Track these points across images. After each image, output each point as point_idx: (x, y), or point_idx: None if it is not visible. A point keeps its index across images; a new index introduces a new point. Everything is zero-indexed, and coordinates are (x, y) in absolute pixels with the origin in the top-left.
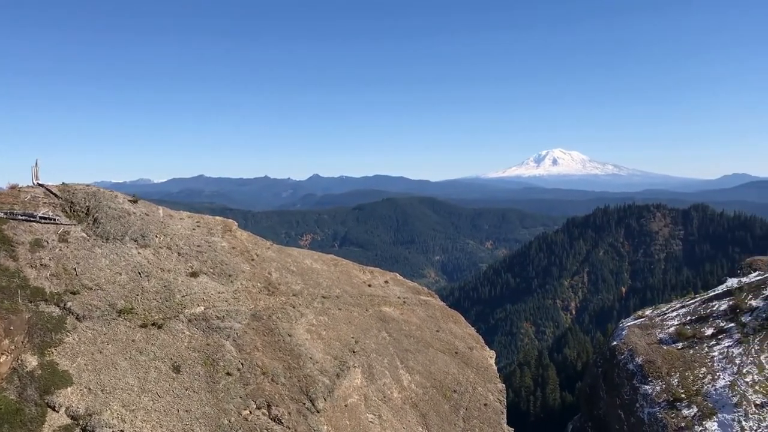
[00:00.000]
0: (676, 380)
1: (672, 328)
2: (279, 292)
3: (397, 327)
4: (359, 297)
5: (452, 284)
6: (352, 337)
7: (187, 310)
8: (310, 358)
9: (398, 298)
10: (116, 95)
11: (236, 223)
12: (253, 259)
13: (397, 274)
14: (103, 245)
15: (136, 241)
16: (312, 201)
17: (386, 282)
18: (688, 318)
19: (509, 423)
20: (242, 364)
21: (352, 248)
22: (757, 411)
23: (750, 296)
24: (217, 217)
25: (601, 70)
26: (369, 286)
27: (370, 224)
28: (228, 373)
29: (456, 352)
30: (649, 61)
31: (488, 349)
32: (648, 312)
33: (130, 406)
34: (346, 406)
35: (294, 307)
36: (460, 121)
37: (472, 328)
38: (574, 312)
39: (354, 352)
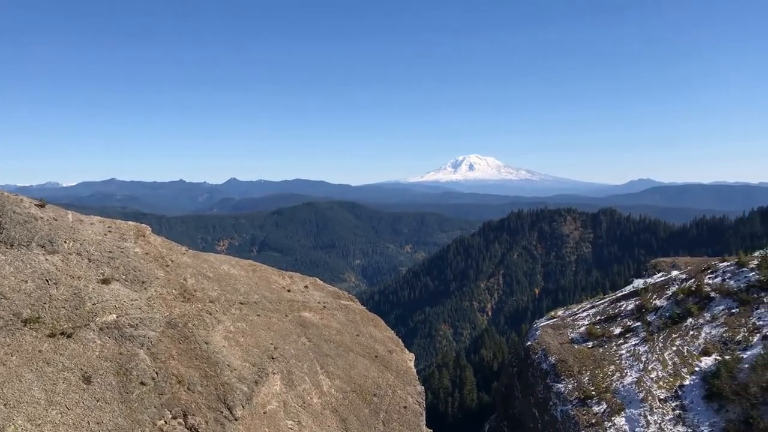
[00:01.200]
0: (587, 378)
1: (583, 328)
2: (195, 299)
3: (317, 332)
4: (278, 302)
5: (372, 288)
6: (271, 344)
7: (98, 319)
8: (228, 365)
9: (318, 302)
10: (20, 94)
11: (150, 228)
12: (167, 265)
13: (317, 279)
14: (8, 252)
15: (43, 247)
16: (229, 205)
17: (306, 287)
18: (598, 318)
19: (428, 424)
20: (157, 373)
21: (271, 253)
22: (661, 405)
23: (655, 296)
24: (130, 222)
25: (516, 79)
26: (288, 291)
27: (290, 229)
28: (142, 383)
29: (376, 356)
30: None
31: (408, 351)
32: (560, 312)
33: (36, 420)
34: (265, 413)
35: (211, 314)
36: (381, 126)
37: (392, 331)
38: (490, 313)
39: (273, 358)
